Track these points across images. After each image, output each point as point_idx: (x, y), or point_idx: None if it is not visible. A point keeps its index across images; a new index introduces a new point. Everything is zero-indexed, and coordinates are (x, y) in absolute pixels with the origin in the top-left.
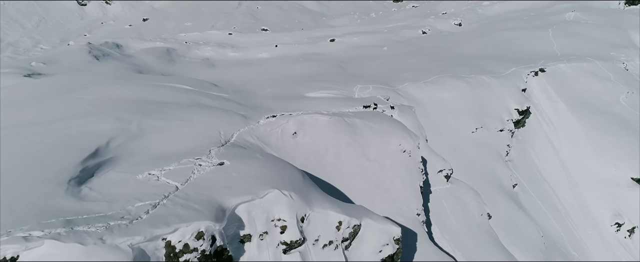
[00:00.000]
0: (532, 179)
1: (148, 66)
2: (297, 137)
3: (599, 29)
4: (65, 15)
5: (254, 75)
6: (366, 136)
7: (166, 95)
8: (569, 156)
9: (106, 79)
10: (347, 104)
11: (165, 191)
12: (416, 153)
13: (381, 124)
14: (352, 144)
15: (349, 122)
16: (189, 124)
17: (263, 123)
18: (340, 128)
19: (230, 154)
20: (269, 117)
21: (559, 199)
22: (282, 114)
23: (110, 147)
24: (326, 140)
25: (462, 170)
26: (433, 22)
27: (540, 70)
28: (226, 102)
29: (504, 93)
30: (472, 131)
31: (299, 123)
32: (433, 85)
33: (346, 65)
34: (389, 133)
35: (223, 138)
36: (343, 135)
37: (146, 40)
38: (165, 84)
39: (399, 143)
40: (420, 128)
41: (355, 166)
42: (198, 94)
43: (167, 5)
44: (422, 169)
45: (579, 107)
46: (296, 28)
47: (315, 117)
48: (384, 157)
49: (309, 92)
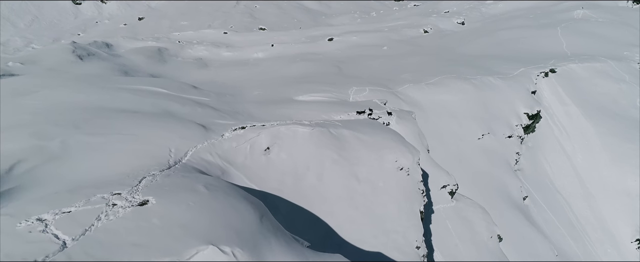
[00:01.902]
0: (544, 190)
1: (136, 66)
2: (271, 153)
3: (610, 27)
4: (59, 15)
5: (248, 76)
6: (356, 151)
7: (127, 101)
8: (584, 165)
9: (70, 81)
10: (339, 109)
11: (42, 251)
12: (416, 171)
13: (374, 136)
14: (338, 162)
15: (336, 134)
16: (133, 140)
17: (228, 137)
18: (324, 142)
19: (165, 186)
20: (237, 129)
21: (574, 213)
22: (253, 125)
23: (12, 175)
24: (306, 157)
25: (467, 182)
26: (435, 21)
27: (551, 70)
28: (199, 108)
29: (513, 96)
30: (478, 138)
31: (273, 136)
32: (435, 88)
33: (344, 65)
34: (383, 147)
35: (173, 158)
36: (327, 150)
37: (138, 39)
38: (136, 87)
39: (395, 159)
40: (421, 136)
41: (341, 189)
42: (168, 99)
43: (164, 4)
44: (423, 191)
45: (593, 110)
46: (295, 27)
47: (293, 128)
48: (377, 176)
49: (298, 95)
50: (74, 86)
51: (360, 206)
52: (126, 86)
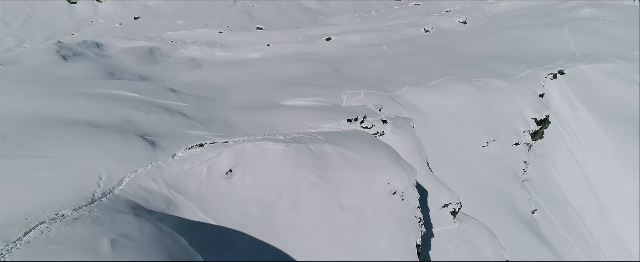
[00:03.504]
0: (554, 202)
1: (124, 67)
2: (234, 177)
3: (619, 27)
4: (54, 14)
5: (240, 77)
6: (340, 172)
7: (82, 109)
8: (596, 174)
9: (28, 85)
10: (328, 117)
11: None
12: (412, 195)
13: (363, 152)
14: (318, 186)
15: (316, 152)
16: (53, 165)
17: (181, 157)
18: (301, 161)
19: (54, 242)
20: (193, 147)
21: (586, 227)
22: (214, 141)
23: None
24: (279, 181)
25: (471, 196)
26: (436, 20)
27: (560, 72)
28: (167, 116)
29: (519, 99)
30: (483, 146)
31: (238, 156)
32: (436, 91)
33: (341, 66)
34: (373, 166)
35: (101, 188)
36: (305, 171)
37: (130, 39)
38: (106, 91)
39: (387, 181)
40: (419, 148)
41: (321, 219)
42: (134, 106)
43: (161, 4)
44: (420, 219)
45: (604, 115)
46: (293, 27)
47: (263, 146)
48: (365, 203)
49: (286, 100)
50: (28, 91)
51: (344, 240)
52: (93, 91)
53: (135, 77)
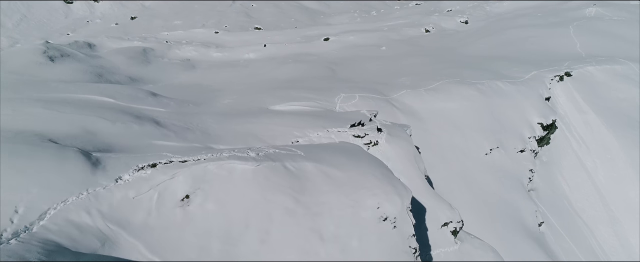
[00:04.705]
0: (562, 213)
1: (115, 68)
2: (191, 204)
3: (627, 26)
4: (49, 14)
5: (233, 79)
6: (321, 195)
7: (33, 118)
8: (606, 183)
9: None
10: (317, 124)
11: None
12: (406, 221)
13: (349, 169)
14: (294, 212)
15: (294, 170)
16: None
17: (127, 181)
18: (274, 183)
19: None
20: (144, 168)
21: (596, 240)
22: (169, 161)
23: None
24: (246, 207)
25: (473, 208)
26: (437, 20)
27: (566, 74)
28: (136, 124)
29: (524, 103)
30: (486, 153)
31: (196, 179)
32: (436, 94)
33: (337, 67)
34: (360, 186)
35: (16, 223)
36: (279, 195)
37: (123, 39)
38: (74, 95)
39: (376, 205)
40: (417, 160)
41: (296, 253)
42: (98, 114)
43: (158, 3)
44: (416, 249)
45: (614, 119)
46: (292, 27)
47: (228, 165)
48: (350, 232)
49: (275, 104)
50: None
51: None
52: (59, 96)
53: (125, 79)
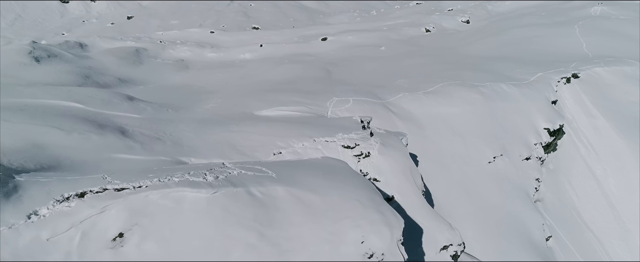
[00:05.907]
0: (571, 226)
1: (105, 69)
2: (126, 245)
3: (633, 25)
4: (44, 13)
5: (228, 80)
6: (293, 227)
7: None
8: (617, 192)
9: None
10: (304, 133)
11: None
12: (396, 256)
13: (329, 194)
14: (259, 250)
15: (261, 197)
16: None
17: (43, 216)
18: (235, 214)
19: None
20: (69, 198)
21: (608, 254)
22: (102, 189)
23: None
24: (198, 246)
25: (475, 221)
26: (438, 19)
27: (573, 76)
28: (96, 135)
29: (530, 107)
30: (489, 161)
31: (134, 212)
32: (436, 97)
33: (334, 68)
34: (342, 215)
35: None
36: (240, 229)
37: (116, 39)
38: (35, 101)
39: (360, 239)
40: (413, 173)
41: None
42: (53, 124)
43: (156, 3)
44: None
45: (624, 123)
46: (290, 27)
47: (176, 194)
48: None
49: (262, 109)
50: None
51: None
52: (13, 101)
53: (113, 80)
